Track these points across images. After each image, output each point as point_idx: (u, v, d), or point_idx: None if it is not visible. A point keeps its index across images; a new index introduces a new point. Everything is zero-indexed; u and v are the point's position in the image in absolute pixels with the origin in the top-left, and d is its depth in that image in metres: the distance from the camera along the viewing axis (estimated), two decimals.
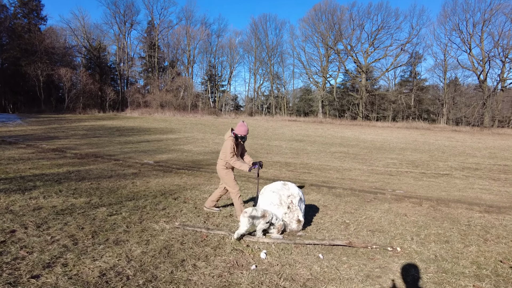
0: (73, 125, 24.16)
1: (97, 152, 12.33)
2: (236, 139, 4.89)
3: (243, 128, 4.85)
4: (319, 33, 48.65)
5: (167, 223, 4.50)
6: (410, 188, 7.78)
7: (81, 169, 8.75)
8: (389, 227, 4.59)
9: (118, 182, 7.39)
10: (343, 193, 6.83)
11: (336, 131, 29.92)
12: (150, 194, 6.24)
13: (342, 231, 4.41)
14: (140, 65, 55.87)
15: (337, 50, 48.14)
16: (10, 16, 46.36)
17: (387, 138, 23.82)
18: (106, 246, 3.61)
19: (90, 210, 5.04)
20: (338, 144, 19.35)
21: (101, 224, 4.36)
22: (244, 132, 4.86)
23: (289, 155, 13.85)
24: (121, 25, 51.26)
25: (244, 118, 41.37)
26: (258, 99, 57.84)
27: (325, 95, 49.18)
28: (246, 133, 4.88)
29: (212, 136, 20.50)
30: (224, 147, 4.87)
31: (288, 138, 21.58)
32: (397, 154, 15.16)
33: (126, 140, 17.21)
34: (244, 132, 4.86)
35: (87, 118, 32.48)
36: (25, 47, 41.15)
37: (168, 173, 8.86)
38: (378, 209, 5.59)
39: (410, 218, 5.09)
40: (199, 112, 44.88)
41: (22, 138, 15.98)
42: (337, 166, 11.21)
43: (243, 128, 4.85)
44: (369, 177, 9.13)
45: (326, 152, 15.33)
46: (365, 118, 46.13)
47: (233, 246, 3.72)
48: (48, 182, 7.03)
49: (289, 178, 8.67)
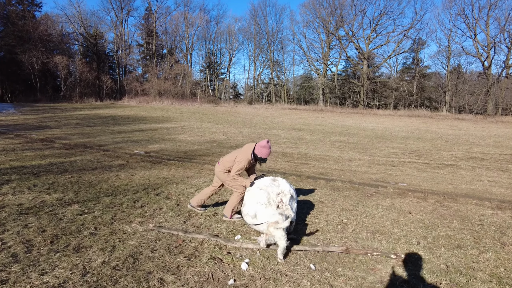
0: (67, 114, 23.59)
1: (87, 142, 11.82)
2: (255, 160, 4.31)
3: (266, 151, 4.19)
4: (320, 18, 47.42)
5: (141, 224, 3.99)
6: (414, 180, 7.25)
7: (65, 161, 8.25)
8: (392, 228, 4.08)
9: (102, 174, 6.89)
10: (341, 187, 6.32)
11: (337, 119, 29.29)
12: (132, 189, 5.74)
13: (339, 232, 3.89)
14: (138, 52, 54.87)
15: (338, 36, 46.97)
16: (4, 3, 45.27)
17: (388, 126, 23.21)
18: (64, 255, 3.11)
19: (60, 208, 4.54)
20: (338, 133, 18.77)
21: (66, 226, 3.86)
22: (266, 154, 4.22)
23: (287, 144, 13.31)
24: (118, 11, 50.08)
25: (243, 107, 40.70)
26: (258, 87, 56.96)
27: (326, 82, 48.28)
28: (268, 155, 4.25)
29: (209, 125, 19.94)
30: (237, 161, 4.23)
31: (287, 127, 21.00)
32: (399, 143, 14.59)
33: (120, 129, 16.67)
34: (266, 155, 4.22)
35: (83, 107, 31.86)
36: (20, 35, 40.23)
37: (157, 164, 8.35)
38: (379, 205, 5.07)
39: (415, 216, 4.57)
40: (197, 100, 44.15)
41: (12, 128, 15.47)
42: (337, 156, 10.68)
43: (266, 151, 4.19)
44: (370, 168, 8.61)
45: (326, 141, 14.78)
46: (367, 106, 45.31)
47: (211, 254, 3.21)
48: (25, 175, 6.53)
49: (285, 169, 8.16)
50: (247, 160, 4.20)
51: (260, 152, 4.19)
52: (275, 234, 3.25)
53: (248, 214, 3.74)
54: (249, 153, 4.22)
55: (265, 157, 4.24)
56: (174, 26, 52.13)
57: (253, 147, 4.24)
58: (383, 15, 44.62)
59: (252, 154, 4.25)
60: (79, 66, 41.49)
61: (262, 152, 4.19)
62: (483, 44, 39.91)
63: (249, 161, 4.23)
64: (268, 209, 3.61)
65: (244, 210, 3.80)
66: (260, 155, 4.20)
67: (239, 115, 29.55)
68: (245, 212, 3.79)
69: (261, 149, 4.19)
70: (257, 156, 4.23)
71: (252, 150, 4.24)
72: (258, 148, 4.20)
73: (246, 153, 4.23)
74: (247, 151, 4.24)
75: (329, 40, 47.78)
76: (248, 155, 4.22)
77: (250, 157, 4.21)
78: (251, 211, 3.69)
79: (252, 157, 4.24)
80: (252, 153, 4.24)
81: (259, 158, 4.24)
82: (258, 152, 4.20)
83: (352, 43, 47.31)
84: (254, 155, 4.25)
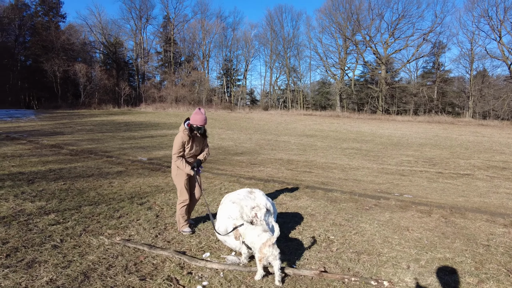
0: (83, 120, 24.09)
1: (94, 148, 11.87)
2: (191, 131, 3.95)
3: (199, 117, 3.89)
4: (336, 23, 46.82)
5: (109, 236, 3.76)
6: (421, 191, 6.72)
7: (65, 167, 8.23)
8: (381, 247, 3.65)
9: (95, 182, 6.77)
10: (339, 198, 5.90)
11: (353, 125, 28.55)
12: (118, 198, 5.55)
13: (321, 252, 3.51)
14: (156, 60, 55.93)
15: (355, 41, 46.15)
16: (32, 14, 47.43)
17: (405, 133, 22.33)
18: (12, 271, 2.91)
19: (36, 217, 4.39)
20: (351, 139, 18.18)
21: (32, 238, 3.68)
22: (201, 121, 3.89)
23: (295, 151, 12.92)
24: (137, 20, 51.37)
25: (258, 113, 40.52)
26: (274, 93, 56.71)
27: (343, 88, 47.44)
28: (203, 122, 3.91)
29: (219, 131, 19.79)
30: (174, 141, 3.98)
31: (299, 133, 20.56)
32: (414, 150, 13.89)
33: (130, 135, 16.76)
34: (200, 122, 3.89)
35: (100, 113, 32.57)
36: (44, 44, 41.88)
37: (154, 171, 8.19)
38: (375, 219, 4.63)
39: (412, 234, 4.11)
40: (213, 106, 44.33)
41: (27, 133, 15.83)
42: (344, 164, 10.20)
43: (199, 117, 3.89)
44: (377, 178, 8.11)
45: (337, 148, 14.27)
46: (385, 112, 44.12)
47: (169, 274, 2.92)
48: (19, 182, 6.50)
49: (285, 178, 7.80)
50: (181, 134, 3.91)
51: (194, 120, 3.90)
52: (272, 253, 2.89)
53: (218, 229, 3.43)
54: (183, 125, 3.97)
55: (200, 125, 3.91)
56: (192, 34, 52.88)
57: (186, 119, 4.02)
58: (401, 19, 43.57)
59: (186, 124, 3.96)
60: (99, 73, 42.63)
61: (195, 119, 3.90)
62: (509, 47, 38.13)
63: (186, 134, 3.91)
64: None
65: (216, 225, 3.49)
66: (195, 123, 3.90)
67: (252, 121, 29.34)
68: (216, 227, 3.48)
69: (194, 116, 3.92)
70: (192, 126, 3.93)
71: (184, 124, 3.97)
72: (192, 117, 3.93)
73: (181, 126, 3.98)
74: (181, 127, 3.98)
75: (346, 45, 47.04)
76: (182, 126, 3.96)
77: (184, 127, 3.95)
78: (222, 226, 3.38)
79: (186, 127, 3.94)
80: (186, 126, 3.95)
81: (195, 127, 3.92)
82: (192, 120, 3.91)
83: (369, 48, 46.40)
84: (190, 126, 3.94)
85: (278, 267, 2.87)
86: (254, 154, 11.66)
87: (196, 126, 3.91)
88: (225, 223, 3.38)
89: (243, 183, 7.08)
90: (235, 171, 8.49)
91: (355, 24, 44.87)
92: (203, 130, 3.98)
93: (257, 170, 8.71)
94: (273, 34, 53.38)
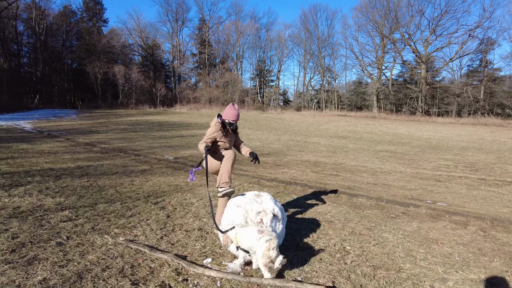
0: (119, 120, 25.08)
1: (125, 146, 12.18)
2: (223, 126, 3.88)
3: (232, 112, 3.81)
4: (373, 21, 45.17)
5: (114, 236, 3.68)
6: (458, 200, 6.08)
7: (93, 165, 8.45)
8: (403, 262, 3.23)
9: (117, 179, 6.85)
10: (364, 204, 5.47)
11: (389, 127, 27.28)
12: (135, 196, 5.53)
13: (333, 263, 3.17)
14: (192, 62, 57.27)
15: (393, 39, 44.21)
16: (78, 20, 50.54)
17: (446, 135, 20.88)
18: (11, 267, 2.88)
19: (51, 213, 4.44)
20: (387, 141, 17.28)
21: (41, 233, 3.69)
22: (233, 117, 3.82)
23: (324, 153, 12.45)
24: (174, 23, 52.97)
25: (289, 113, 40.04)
26: (307, 93, 55.86)
27: (380, 88, 45.61)
28: (235, 118, 3.83)
29: (248, 131, 19.69)
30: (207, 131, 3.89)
31: (331, 135, 19.93)
32: (455, 154, 12.86)
33: (161, 135, 17.11)
34: (233, 118, 3.82)
35: (136, 113, 33.80)
36: (87, 48, 44.43)
37: (177, 171, 8.19)
38: (400, 229, 4.19)
39: (442, 248, 3.63)
40: (245, 107, 44.49)
41: (66, 132, 16.69)
42: (375, 167, 9.61)
43: (231, 112, 3.82)
44: (409, 183, 7.51)
45: (370, 150, 13.58)
46: (425, 113, 41.77)
47: (163, 280, 2.74)
48: (47, 177, 6.72)
49: (309, 181, 7.45)
50: (213, 126, 3.83)
51: (226, 115, 3.84)
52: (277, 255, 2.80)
53: (220, 234, 3.21)
54: (216, 118, 3.92)
55: (232, 120, 3.83)
56: (226, 35, 53.55)
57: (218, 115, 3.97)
58: (444, 15, 41.04)
59: (219, 118, 3.91)
60: (136, 75, 44.39)
61: (227, 114, 3.83)
62: None
63: (218, 128, 3.83)
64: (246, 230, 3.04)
65: (231, 232, 3.26)
66: (227, 118, 3.83)
67: (283, 121, 28.99)
68: (220, 233, 3.27)
69: (226, 111, 3.85)
70: (224, 121, 3.87)
71: (217, 118, 3.91)
72: (225, 112, 3.86)
73: (214, 119, 3.93)
74: (214, 121, 3.91)
75: (384, 43, 45.21)
76: (215, 119, 3.91)
77: (217, 120, 3.89)
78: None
79: (219, 121, 3.88)
80: (219, 121, 3.89)
81: (226, 122, 3.85)
82: (224, 115, 3.86)
83: (408, 46, 44.20)
84: (222, 121, 3.88)
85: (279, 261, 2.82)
86: (280, 155, 11.37)
87: (228, 122, 3.85)
88: (227, 228, 3.15)
89: (263, 185, 6.84)
90: (258, 172, 8.26)
91: (393, 21, 43.01)
92: (235, 126, 3.92)
93: (280, 172, 8.42)
94: (307, 33, 52.74)
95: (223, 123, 3.87)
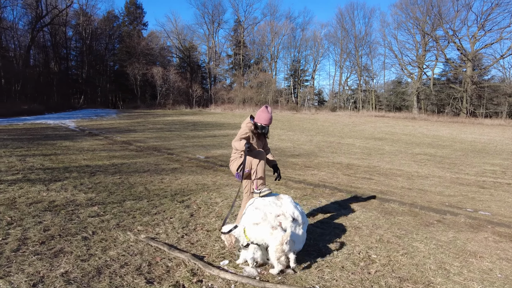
0: (156, 120, 25.95)
1: (159, 145, 12.54)
2: (256, 128, 3.73)
3: (265, 116, 3.65)
4: (414, 18, 43.08)
5: (137, 233, 3.74)
6: (505, 209, 5.55)
7: (127, 162, 8.76)
8: (433, 275, 2.95)
9: (148, 177, 7.04)
10: (396, 210, 5.15)
11: (430, 129, 25.86)
12: (162, 194, 5.64)
13: (355, 273, 2.97)
14: (227, 63, 58.09)
15: (435, 36, 41.84)
16: (120, 24, 53.20)
17: (494, 138, 19.38)
18: (39, 258, 3.01)
19: (82, 208, 4.63)
20: (426, 144, 16.37)
21: (71, 227, 3.84)
22: (266, 120, 3.66)
23: (358, 155, 12.01)
24: (210, 24, 54.00)
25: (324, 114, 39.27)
26: (343, 93, 54.53)
27: (421, 87, 43.40)
28: (268, 122, 3.67)
29: (280, 132, 19.54)
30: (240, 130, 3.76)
31: (367, 136, 19.24)
32: (503, 159, 11.86)
33: (195, 134, 17.45)
34: (265, 121, 3.66)
35: (172, 113, 34.84)
36: (127, 50, 46.61)
37: (207, 170, 8.27)
38: (433, 239, 3.87)
39: (481, 262, 3.29)
40: (278, 107, 44.32)
41: (106, 130, 17.52)
42: (411, 171, 9.10)
43: (264, 116, 3.65)
44: (448, 189, 7.00)
45: (407, 153, 12.92)
46: (471, 114, 39.12)
47: (177, 280, 2.72)
48: (83, 174, 7.05)
49: (339, 183, 7.19)
50: (246, 126, 3.69)
51: (258, 118, 3.69)
52: (290, 249, 2.85)
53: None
54: (249, 119, 3.78)
55: (264, 124, 3.67)
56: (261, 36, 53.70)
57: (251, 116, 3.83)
58: (495, 8, 38.06)
59: (252, 120, 3.77)
60: (174, 76, 45.80)
61: (260, 117, 3.68)
62: None
63: (250, 128, 3.68)
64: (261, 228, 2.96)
65: (236, 231, 3.20)
66: (259, 121, 3.69)
67: (316, 122, 28.49)
68: (226, 228, 3.21)
69: (259, 114, 3.70)
70: (256, 124, 3.71)
71: (250, 119, 3.77)
72: (258, 115, 3.71)
73: (247, 120, 3.79)
74: (248, 119, 3.80)
75: (425, 41, 42.95)
76: (248, 120, 3.77)
77: (249, 121, 3.74)
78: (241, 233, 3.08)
79: (252, 123, 3.73)
80: (251, 118, 3.78)
81: (259, 125, 3.70)
82: (257, 118, 3.71)
83: (452, 44, 41.61)
84: (255, 124, 3.73)
85: (293, 259, 2.90)
86: (311, 157, 11.13)
87: (260, 125, 3.70)
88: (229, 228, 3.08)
89: (290, 187, 6.70)
90: (286, 173, 8.12)
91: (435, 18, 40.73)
92: (266, 130, 3.78)
93: (309, 174, 8.22)
94: (344, 32, 51.50)
95: (255, 125, 3.73)
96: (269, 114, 3.66)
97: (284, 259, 2.82)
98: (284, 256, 2.80)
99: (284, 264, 2.86)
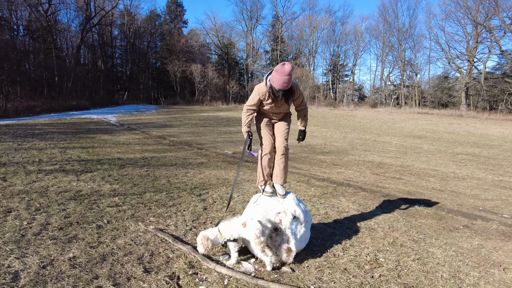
0: (192, 115, 26.66)
1: (191, 140, 12.88)
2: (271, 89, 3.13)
3: (278, 78, 2.96)
4: (465, 8, 39.98)
5: (148, 224, 3.87)
6: None
7: (157, 156, 9.08)
8: (442, 285, 2.68)
9: (174, 171, 7.25)
10: (419, 212, 4.84)
11: (478, 127, 23.99)
12: (183, 187, 5.78)
13: (357, 276, 2.83)
14: (264, 59, 58.13)
15: (489, 27, 38.59)
16: (162, 23, 55.22)
17: None
18: (54, 243, 3.23)
19: (103, 198, 4.88)
20: (471, 143, 15.21)
21: (89, 215, 4.07)
22: (278, 85, 2.98)
23: (392, 154, 11.47)
24: (248, 21, 54.26)
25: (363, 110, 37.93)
26: (385, 88, 52.30)
27: (471, 82, 40.37)
28: (280, 87, 2.99)
29: (313, 128, 19.19)
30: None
31: (405, 134, 18.30)
32: None
33: (227, 130, 17.68)
34: (278, 85, 2.99)
35: (209, 109, 35.60)
36: (168, 48, 48.31)
37: (231, 165, 8.35)
38: (454, 245, 3.57)
39: (505, 275, 2.97)
40: (315, 103, 43.55)
41: (143, 125, 18.32)
42: (448, 172, 8.51)
43: (277, 78, 2.96)
44: (485, 192, 6.45)
45: (446, 152, 12.10)
46: None
47: (174, 271, 2.77)
48: (114, 166, 7.42)
49: (365, 183, 6.92)
50: (260, 88, 3.18)
51: (272, 79, 3.03)
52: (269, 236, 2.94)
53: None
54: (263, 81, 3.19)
55: (278, 88, 3.02)
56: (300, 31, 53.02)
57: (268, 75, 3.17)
58: None
59: (268, 81, 3.12)
60: (211, 73, 46.75)
61: (273, 79, 3.00)
62: None
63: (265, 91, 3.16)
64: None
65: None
66: (272, 83, 3.04)
67: (354, 118, 27.60)
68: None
69: (273, 74, 3.01)
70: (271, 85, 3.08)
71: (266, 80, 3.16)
72: (272, 75, 3.03)
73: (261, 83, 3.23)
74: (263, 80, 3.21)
75: (477, 32, 39.75)
76: (263, 81, 3.19)
77: (265, 82, 3.16)
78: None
79: (267, 85, 3.13)
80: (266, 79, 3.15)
81: (273, 88, 3.07)
82: (271, 79, 3.05)
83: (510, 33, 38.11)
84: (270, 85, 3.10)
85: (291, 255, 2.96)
86: (341, 154, 10.81)
87: (274, 88, 3.08)
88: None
89: (312, 184, 6.56)
90: (311, 170, 7.96)
91: (490, 6, 37.49)
92: (281, 95, 3.10)
93: (335, 172, 7.98)
94: (386, 25, 49.23)
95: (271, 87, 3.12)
96: (283, 76, 2.93)
97: (269, 251, 2.84)
98: (264, 245, 2.84)
99: (272, 254, 2.87)
